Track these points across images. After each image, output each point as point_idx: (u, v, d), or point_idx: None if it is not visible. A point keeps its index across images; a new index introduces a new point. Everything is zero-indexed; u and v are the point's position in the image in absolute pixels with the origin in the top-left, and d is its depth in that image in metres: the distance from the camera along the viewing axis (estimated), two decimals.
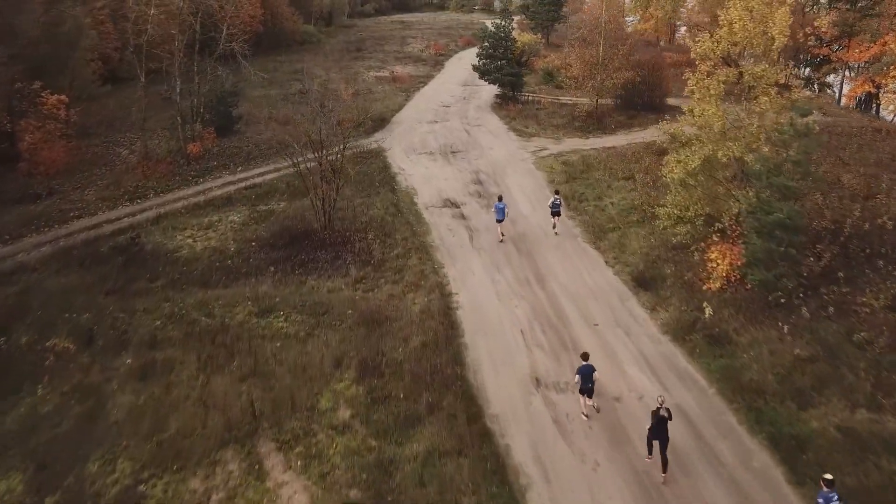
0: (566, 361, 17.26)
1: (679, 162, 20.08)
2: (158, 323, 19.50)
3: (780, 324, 17.91)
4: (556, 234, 25.15)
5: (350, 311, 19.74)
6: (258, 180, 31.80)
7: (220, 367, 17.14)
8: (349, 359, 17.36)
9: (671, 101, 44.79)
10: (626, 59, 40.70)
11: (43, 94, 32.24)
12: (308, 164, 25.24)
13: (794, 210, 17.90)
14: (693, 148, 20.08)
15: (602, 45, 40.58)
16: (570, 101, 47.29)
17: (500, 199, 25.04)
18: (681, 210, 20.43)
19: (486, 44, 46.00)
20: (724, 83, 20.62)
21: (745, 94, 21.78)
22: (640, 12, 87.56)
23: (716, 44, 21.75)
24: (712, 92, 20.45)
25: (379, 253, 23.63)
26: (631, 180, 30.69)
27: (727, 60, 23.39)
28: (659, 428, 13.03)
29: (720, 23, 22.49)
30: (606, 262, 22.63)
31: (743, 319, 18.41)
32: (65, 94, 33.78)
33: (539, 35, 65.70)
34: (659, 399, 13.45)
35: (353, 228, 25.46)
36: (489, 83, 47.26)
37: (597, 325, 18.94)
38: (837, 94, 52.88)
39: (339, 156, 25.18)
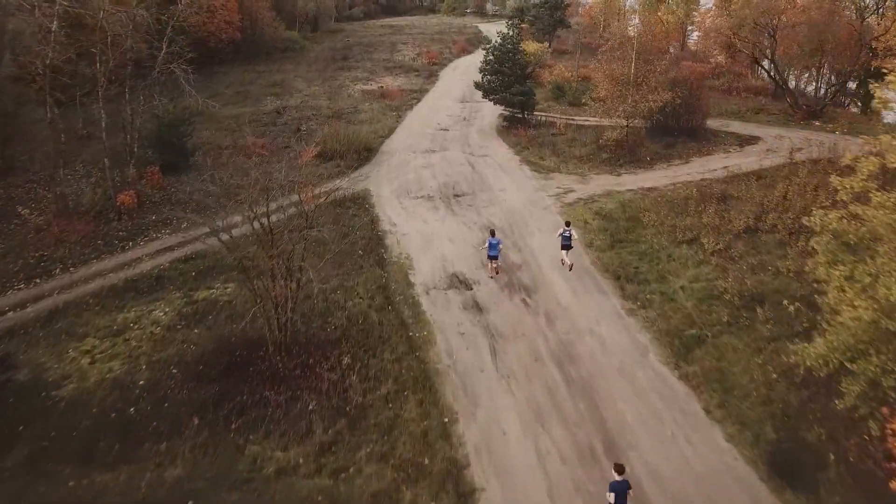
0: None
1: (860, 288, 11.60)
2: None
3: None
4: (569, 270, 20.73)
5: None
6: (203, 246, 23.27)
7: None
8: None
9: (711, 122, 36.62)
10: (663, 78, 32.31)
11: None
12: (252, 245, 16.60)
13: None
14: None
15: (635, 61, 32.19)
16: (588, 123, 39.03)
17: (492, 233, 20.91)
18: (852, 356, 12.04)
19: (491, 57, 37.63)
20: None
21: None
22: (648, 16, 79.66)
23: None
24: None
25: (358, 391, 15.27)
26: (696, 245, 22.46)
27: None
28: None
29: None
30: (709, 414, 14.34)
31: None
32: None
33: (546, 44, 56.96)
34: None
35: (322, 340, 17.10)
36: (494, 103, 38.81)
37: None
38: None
39: (301, 235, 16.49)
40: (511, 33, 37.95)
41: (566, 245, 20.85)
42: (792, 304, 15.57)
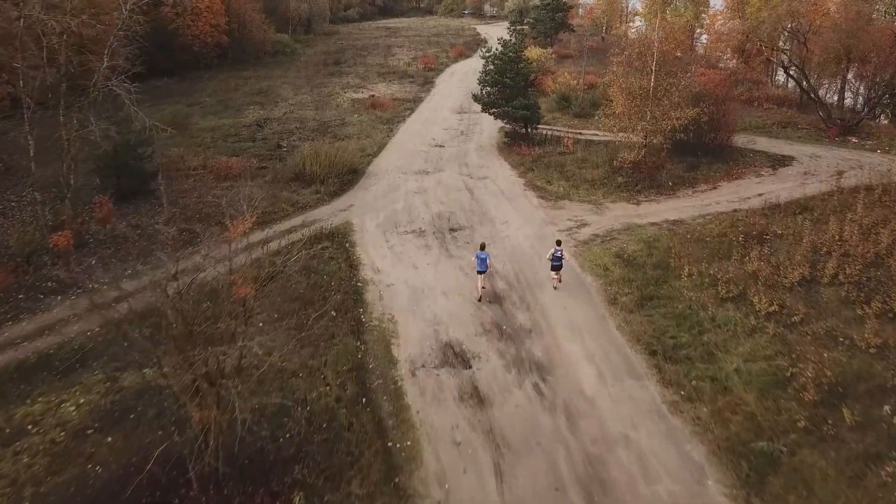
0: None
1: None
2: None
3: None
4: (554, 288, 19.59)
5: None
6: (144, 303, 18.69)
7: None
8: None
9: (735, 138, 32.13)
10: (687, 92, 27.76)
11: None
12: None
13: None
14: None
15: (655, 74, 27.62)
16: (598, 138, 34.55)
17: (482, 247, 19.24)
18: None
19: (491, 66, 33.07)
20: None
21: None
22: (653, 18, 75.09)
23: None
24: None
25: None
26: (744, 303, 18.00)
27: None
28: None
29: None
30: None
31: None
32: None
33: (549, 49, 52.37)
34: None
35: (269, 460, 12.54)
36: (495, 118, 34.25)
37: None
38: None
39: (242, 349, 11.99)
40: (513, 40, 33.34)
41: (556, 266, 19.28)
42: (887, 404, 11.31)
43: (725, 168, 30.36)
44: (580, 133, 38.21)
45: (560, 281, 19.59)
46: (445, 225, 25.04)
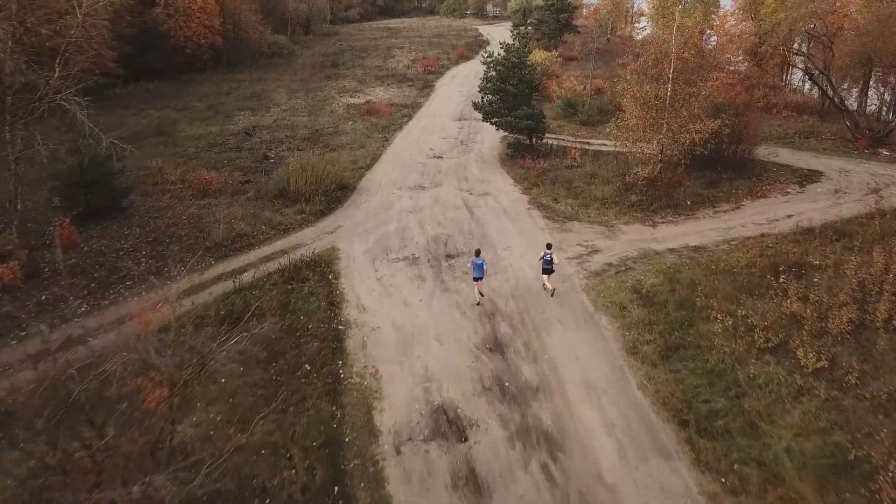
0: None
1: None
2: None
3: None
4: (551, 295, 18.49)
5: None
6: (94, 346, 15.96)
7: None
8: None
9: (758, 150, 29.29)
10: (707, 102, 24.93)
11: None
12: None
13: None
14: None
15: (672, 82, 24.78)
16: (606, 148, 31.76)
17: (477, 253, 18.55)
18: None
19: (493, 73, 30.21)
20: None
21: None
22: (661, 19, 72.09)
23: None
24: None
25: None
26: (786, 356, 15.20)
27: None
28: None
29: None
30: None
31: None
32: None
33: (554, 52, 49.49)
34: None
35: None
36: (497, 128, 31.43)
37: None
38: None
39: None
40: (516, 44, 30.47)
41: (547, 269, 18.48)
42: None
43: (748, 185, 27.52)
44: (588, 143, 35.40)
45: (553, 289, 18.57)
46: (442, 250, 22.26)
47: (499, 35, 78.76)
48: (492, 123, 31.93)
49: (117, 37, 54.13)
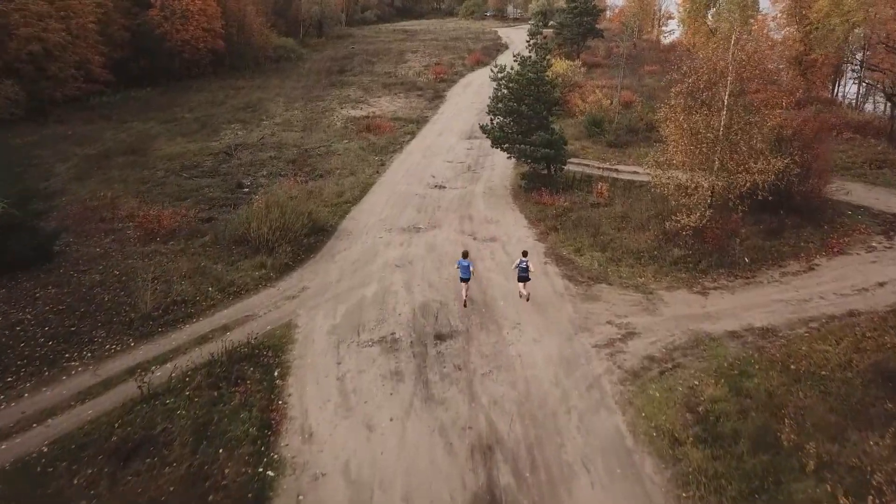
0: None
1: None
2: None
3: None
4: (520, 296, 17.48)
5: None
6: None
7: None
8: None
9: (830, 186, 23.20)
10: (773, 135, 18.97)
11: None
12: None
13: None
14: None
15: (729, 108, 18.84)
16: (639, 177, 25.99)
17: (464, 255, 17.54)
18: None
19: (505, 91, 24.47)
20: None
21: None
22: (691, 23, 65.60)
23: None
24: None
25: None
26: None
27: None
28: None
29: None
30: None
31: None
32: None
33: (578, 61, 43.45)
34: None
35: None
36: (508, 156, 25.73)
37: None
38: None
39: None
40: (534, 57, 24.66)
41: (523, 277, 17.32)
42: None
43: (820, 235, 21.50)
44: (616, 170, 29.55)
45: (529, 295, 17.59)
46: (430, 327, 16.70)
47: (518, 38, 72.84)
48: (503, 150, 26.18)
49: (108, 41, 49.46)
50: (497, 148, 26.10)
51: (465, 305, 17.57)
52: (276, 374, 14.73)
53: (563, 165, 25.80)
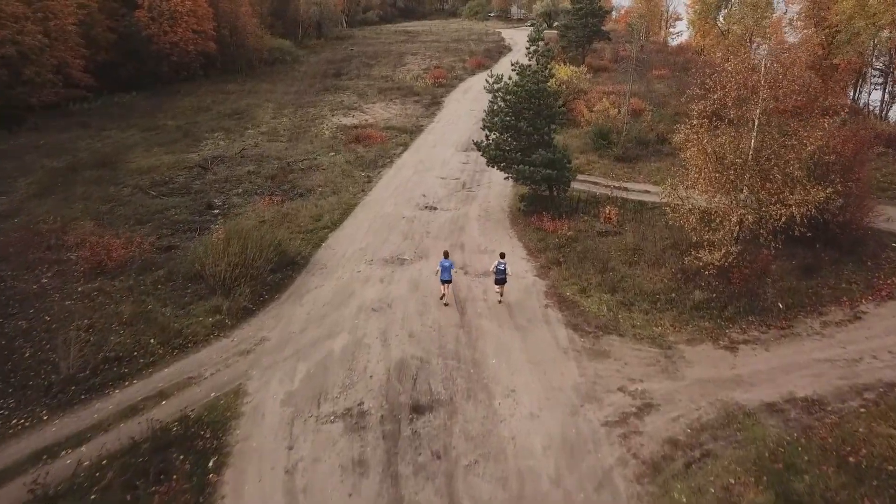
0: None
1: None
2: None
3: None
4: (499, 301, 16.93)
5: None
6: None
7: None
8: None
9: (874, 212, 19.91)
10: (815, 158, 15.80)
11: None
12: None
13: None
14: None
15: (760, 128, 15.68)
16: (650, 197, 22.92)
17: (445, 255, 17.23)
18: None
19: (502, 103, 21.33)
20: None
21: None
22: (702, 25, 62.16)
23: None
24: None
25: None
26: None
27: None
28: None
29: None
30: None
31: None
32: None
33: (583, 67, 40.22)
34: None
35: None
36: (506, 177, 22.63)
37: None
38: None
39: None
40: (536, 66, 21.50)
41: (500, 280, 16.75)
42: None
43: (864, 273, 18.34)
44: (625, 188, 26.43)
45: (502, 296, 17.16)
46: (406, 396, 13.67)
47: (523, 40, 69.54)
48: (499, 169, 23.07)
49: (91, 43, 46.53)
50: (493, 167, 22.96)
51: (444, 304, 17.07)
52: (210, 464, 11.72)
53: (567, 186, 22.61)
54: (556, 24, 68.28)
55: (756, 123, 16.71)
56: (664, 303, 17.31)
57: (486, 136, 22.71)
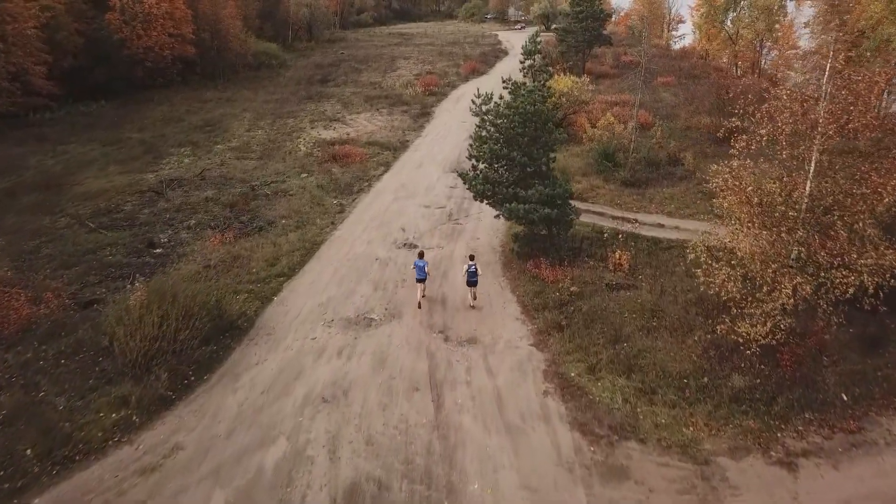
0: None
1: None
2: None
3: None
4: (471, 306, 16.27)
5: None
6: None
7: None
8: None
9: None
10: (893, 212, 11.65)
11: None
12: None
13: None
14: None
15: (817, 168, 11.54)
16: (665, 233, 18.88)
17: (420, 255, 16.93)
18: None
19: (491, 128, 17.23)
20: None
21: None
22: (707, 29, 58.09)
23: None
24: None
25: None
26: None
27: None
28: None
29: None
30: None
31: None
32: None
33: (585, 77, 36.10)
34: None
35: None
36: (496, 215, 18.54)
37: None
38: None
39: None
40: (532, 85, 17.39)
41: (472, 282, 16.35)
42: None
43: None
44: (636, 220, 22.37)
45: (475, 298, 16.59)
46: None
47: (520, 44, 65.47)
48: (489, 205, 18.99)
49: (57, 48, 42.37)
50: (481, 201, 18.89)
51: (419, 307, 16.57)
52: None
53: (569, 227, 18.54)
54: (553, 26, 64.21)
55: (812, 164, 12.66)
56: (695, 391, 13.31)
57: (473, 167, 18.59)
